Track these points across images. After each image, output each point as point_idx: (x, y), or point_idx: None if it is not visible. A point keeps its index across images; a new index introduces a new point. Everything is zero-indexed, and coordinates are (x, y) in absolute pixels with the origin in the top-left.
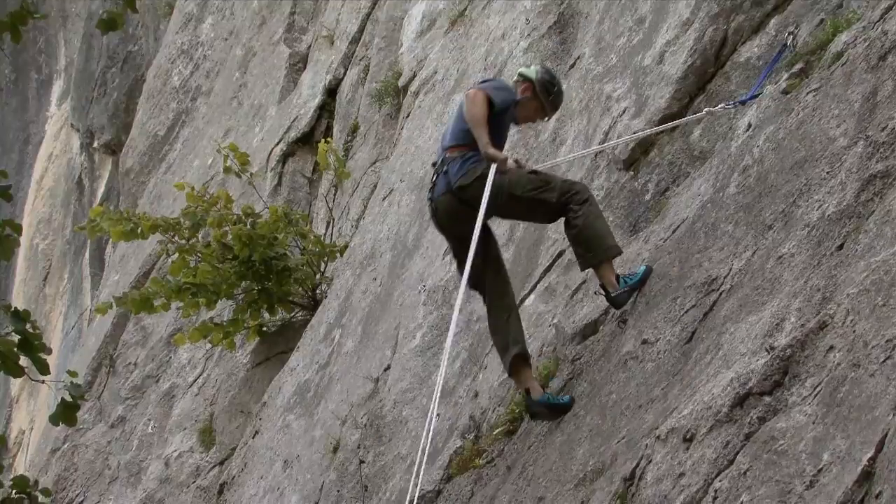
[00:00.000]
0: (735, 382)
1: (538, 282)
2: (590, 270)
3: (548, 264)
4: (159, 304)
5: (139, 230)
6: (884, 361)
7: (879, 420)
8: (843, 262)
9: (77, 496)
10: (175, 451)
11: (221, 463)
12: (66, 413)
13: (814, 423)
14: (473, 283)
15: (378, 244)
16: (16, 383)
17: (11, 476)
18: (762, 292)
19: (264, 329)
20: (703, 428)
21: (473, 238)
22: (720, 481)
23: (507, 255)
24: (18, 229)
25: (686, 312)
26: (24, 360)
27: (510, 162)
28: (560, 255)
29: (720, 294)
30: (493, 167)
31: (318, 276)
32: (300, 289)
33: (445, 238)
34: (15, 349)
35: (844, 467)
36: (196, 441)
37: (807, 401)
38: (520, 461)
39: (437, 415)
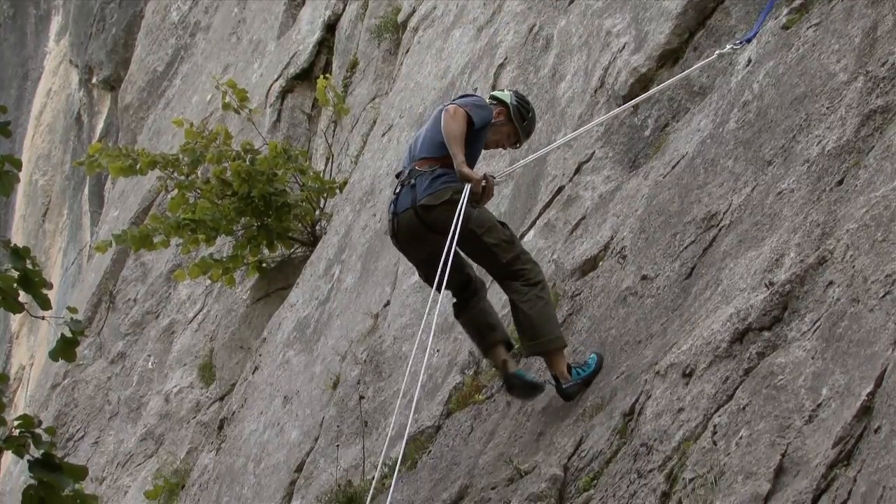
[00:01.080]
0: (734, 318)
1: (537, 218)
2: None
3: (547, 200)
4: (159, 240)
5: (138, 166)
6: (883, 296)
7: (878, 355)
8: (843, 197)
9: (77, 431)
10: (175, 386)
11: (221, 398)
12: (65, 349)
13: (813, 358)
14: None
15: (377, 180)
16: (15, 319)
17: (12, 413)
18: (762, 228)
19: (264, 265)
20: (703, 363)
21: (444, 259)
22: (719, 416)
23: (506, 191)
24: (18, 164)
25: (685, 248)
26: (23, 296)
27: (483, 183)
28: (560, 190)
29: (720, 230)
30: (467, 188)
31: (317, 212)
32: (299, 225)
33: (405, 257)
34: (14, 285)
35: (843, 402)
36: (196, 377)
37: (806, 336)
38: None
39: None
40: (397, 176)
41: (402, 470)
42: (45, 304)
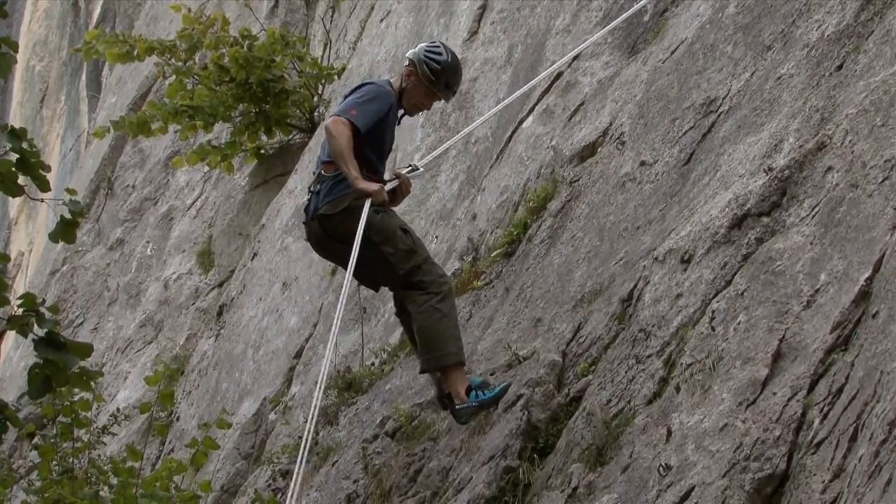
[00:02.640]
0: (733, 203)
1: (536, 104)
2: None
3: (546, 86)
4: (157, 126)
5: (135, 52)
6: (882, 182)
7: (877, 240)
8: (842, 82)
9: (77, 317)
10: (174, 273)
11: (220, 285)
12: (65, 230)
13: (811, 243)
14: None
15: (375, 66)
16: (14, 204)
17: (14, 297)
18: (761, 113)
19: (262, 151)
20: (701, 249)
21: (346, 278)
22: (717, 302)
23: (504, 76)
24: (15, 46)
25: (684, 134)
26: (22, 179)
27: (391, 184)
28: (559, 76)
29: (719, 115)
30: (368, 202)
31: (315, 99)
32: (298, 111)
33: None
34: (13, 168)
35: (841, 287)
36: (195, 263)
37: (804, 221)
38: (518, 283)
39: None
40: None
41: (401, 356)
42: (43, 186)
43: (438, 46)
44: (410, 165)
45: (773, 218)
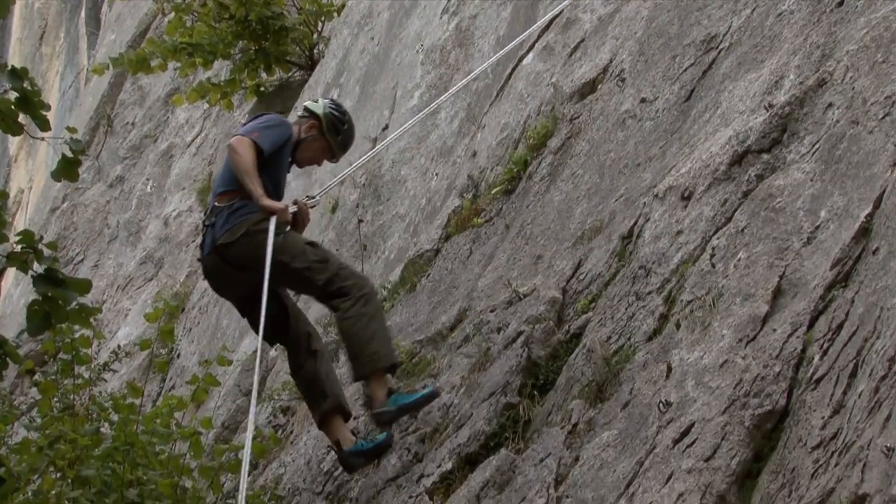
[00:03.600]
0: (733, 140)
1: (536, 41)
2: None
3: (546, 23)
4: (156, 63)
5: None
6: (882, 118)
7: (877, 177)
8: (843, 18)
9: (77, 255)
10: (174, 210)
11: None
12: (66, 168)
13: (812, 180)
14: (268, 338)
15: (375, 3)
16: (14, 142)
17: (13, 233)
18: (761, 50)
19: (262, 89)
20: (701, 186)
21: (262, 300)
22: (718, 239)
23: (504, 13)
24: None
25: (685, 71)
26: (22, 118)
27: (292, 208)
28: (559, 13)
29: (719, 52)
30: (273, 220)
31: (315, 36)
32: (297, 48)
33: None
34: (13, 107)
35: (842, 224)
36: (195, 200)
37: (805, 158)
38: (518, 220)
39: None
40: (205, 214)
41: (401, 293)
42: (44, 124)
43: (342, 107)
44: (307, 196)
45: (773, 155)
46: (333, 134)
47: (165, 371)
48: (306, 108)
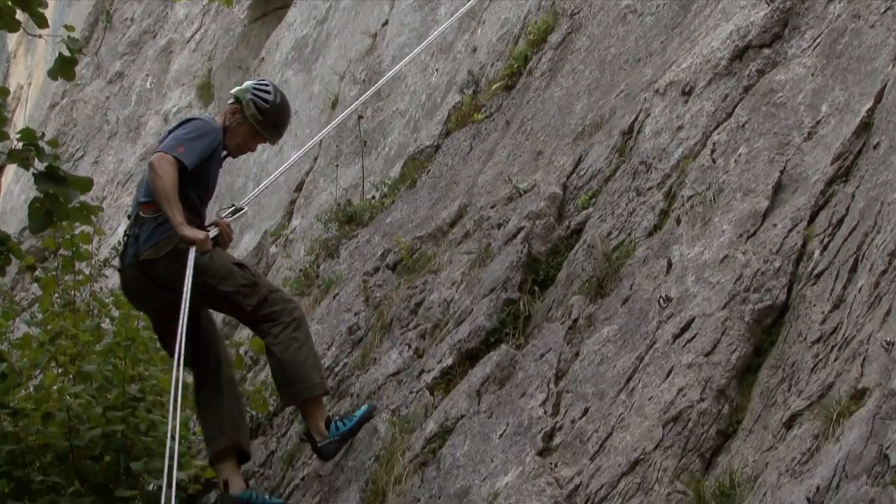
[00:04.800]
0: (734, 35)
1: None
2: None
3: None
4: None
5: None
6: (884, 12)
7: (879, 71)
8: None
9: (77, 151)
10: (174, 106)
11: None
12: (63, 67)
13: (813, 75)
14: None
15: None
16: (13, 38)
17: (12, 132)
18: None
19: None
20: (702, 81)
21: (181, 326)
22: (718, 134)
23: None
24: None
25: None
26: (20, 14)
27: (213, 231)
28: None
29: None
30: (192, 250)
31: None
32: None
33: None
34: (10, 3)
35: (843, 119)
36: (194, 97)
37: (806, 53)
38: (518, 115)
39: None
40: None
41: (402, 189)
42: (41, 21)
43: (267, 85)
44: (233, 206)
45: (774, 49)
46: (257, 117)
47: None
48: (233, 94)
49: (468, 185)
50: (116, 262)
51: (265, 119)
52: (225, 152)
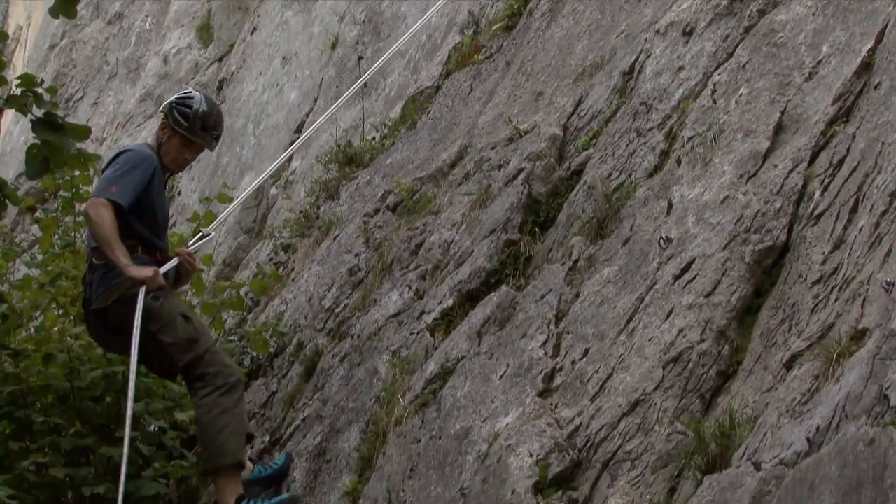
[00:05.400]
0: None
1: None
2: None
3: None
4: None
5: None
6: None
7: (879, 11)
8: None
9: (76, 92)
10: (173, 47)
11: (220, 59)
12: (65, 5)
13: (814, 14)
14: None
15: None
16: None
17: (11, 74)
18: None
19: None
20: (703, 21)
21: (131, 367)
22: (719, 74)
23: None
24: None
25: None
26: None
27: (169, 265)
28: None
29: None
30: (143, 289)
31: None
32: None
33: None
34: None
35: (844, 59)
36: (194, 37)
37: None
38: (519, 57)
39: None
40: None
41: (402, 130)
42: None
43: (192, 93)
44: (200, 232)
45: None
46: (182, 124)
47: None
48: (160, 110)
49: (468, 126)
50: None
51: (191, 124)
52: (168, 173)
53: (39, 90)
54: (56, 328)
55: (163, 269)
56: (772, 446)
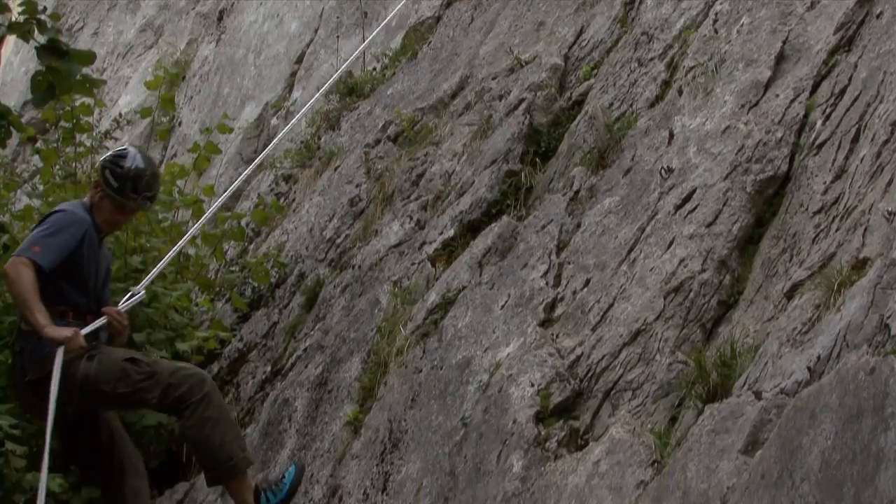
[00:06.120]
0: None
1: None
2: None
3: None
4: None
5: None
6: None
7: None
8: None
9: (76, 22)
10: None
11: None
12: None
13: None
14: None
15: None
16: None
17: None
18: None
19: None
20: None
21: (47, 432)
22: (721, 4)
23: None
24: None
25: None
26: None
27: (95, 324)
28: None
29: None
30: (59, 353)
31: None
32: None
33: None
34: None
35: None
36: None
37: None
38: None
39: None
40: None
41: (403, 60)
42: None
43: (125, 150)
44: (130, 291)
45: None
46: (113, 185)
47: (167, 139)
48: (95, 168)
49: (469, 56)
50: (118, 133)
51: (121, 186)
52: (104, 233)
53: (42, 17)
54: None
55: (85, 330)
56: (772, 375)
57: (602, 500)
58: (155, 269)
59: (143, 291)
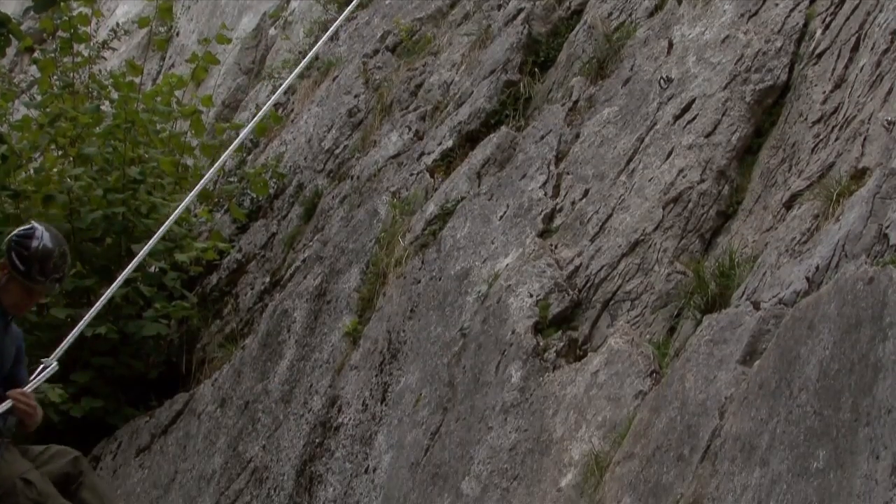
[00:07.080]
0: None
1: None
2: None
3: None
4: None
5: None
6: None
7: None
8: None
9: None
10: None
11: None
12: None
13: None
14: None
15: None
16: None
17: None
18: None
19: None
20: None
21: None
22: None
23: None
24: None
25: None
26: None
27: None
28: None
29: None
30: None
31: None
32: None
33: None
34: None
35: None
36: None
37: None
38: None
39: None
40: None
41: None
42: None
43: (32, 230)
44: (41, 363)
45: None
46: (19, 268)
47: (164, 49)
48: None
49: None
50: (115, 43)
51: (28, 268)
52: (10, 316)
53: None
54: (56, 169)
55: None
56: (771, 286)
57: (600, 410)
58: (67, 339)
59: (54, 363)
